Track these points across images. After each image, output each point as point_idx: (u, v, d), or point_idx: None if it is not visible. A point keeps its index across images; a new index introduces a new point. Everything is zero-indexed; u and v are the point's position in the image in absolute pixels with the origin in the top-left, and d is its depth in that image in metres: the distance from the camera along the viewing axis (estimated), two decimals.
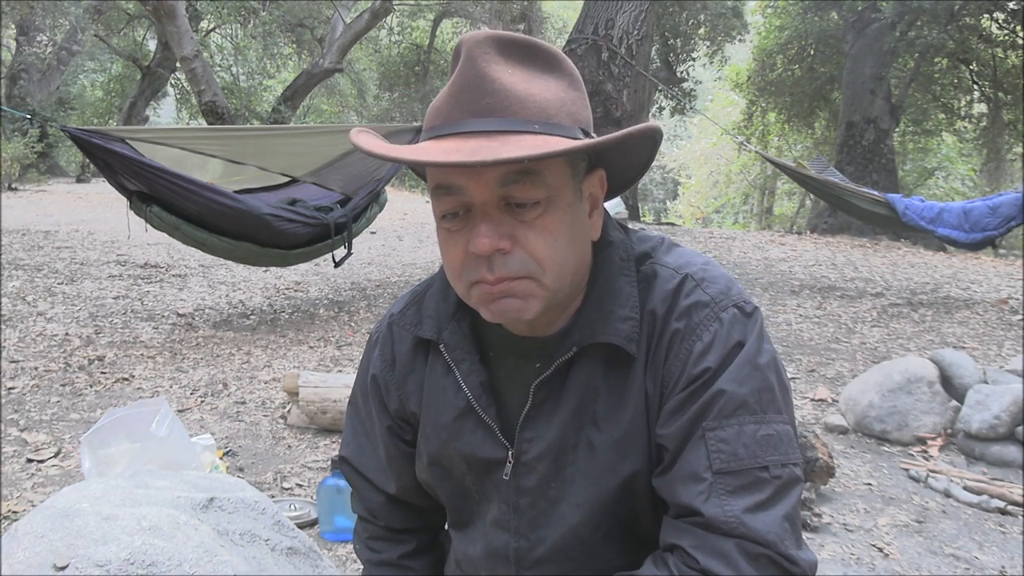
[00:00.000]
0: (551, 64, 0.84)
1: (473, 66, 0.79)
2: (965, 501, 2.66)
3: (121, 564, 1.11)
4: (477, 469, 0.95)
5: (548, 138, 0.78)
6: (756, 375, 0.82)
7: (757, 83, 15.96)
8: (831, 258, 8.56)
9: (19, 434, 3.06)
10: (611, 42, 8.54)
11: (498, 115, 0.78)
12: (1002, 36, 13.31)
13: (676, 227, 12.69)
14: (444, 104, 0.80)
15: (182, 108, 21.07)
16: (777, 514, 0.78)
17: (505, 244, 0.80)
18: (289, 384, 3.19)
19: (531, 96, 0.79)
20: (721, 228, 18.10)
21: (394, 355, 1.02)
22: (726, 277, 0.89)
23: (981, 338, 4.94)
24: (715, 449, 0.80)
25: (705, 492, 0.79)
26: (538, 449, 0.90)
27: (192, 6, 14.84)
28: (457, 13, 18.74)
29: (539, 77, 0.82)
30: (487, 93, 0.78)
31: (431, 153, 0.77)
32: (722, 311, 0.85)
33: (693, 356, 0.84)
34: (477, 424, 0.93)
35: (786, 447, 0.82)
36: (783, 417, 0.83)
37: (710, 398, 0.81)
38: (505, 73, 0.79)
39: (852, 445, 3.21)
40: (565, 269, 0.84)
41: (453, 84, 0.80)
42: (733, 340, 0.83)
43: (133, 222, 4.61)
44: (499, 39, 0.81)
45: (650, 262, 0.91)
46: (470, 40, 0.80)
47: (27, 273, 6.18)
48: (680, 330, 0.85)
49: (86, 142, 4.06)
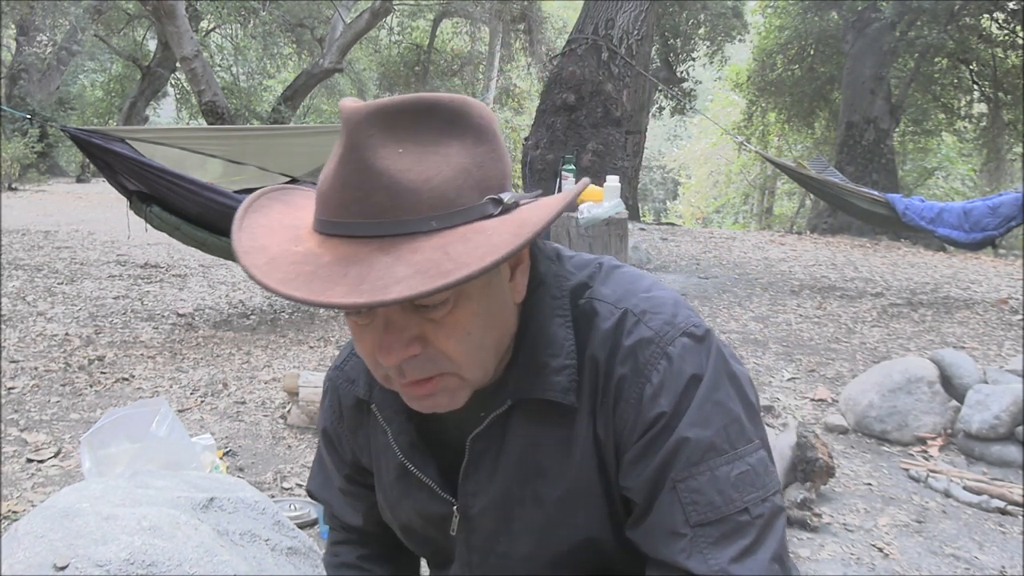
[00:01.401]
0: (449, 124, 0.72)
1: (357, 156, 0.69)
2: (965, 501, 2.66)
3: (121, 564, 1.10)
4: (432, 524, 0.92)
5: (447, 238, 0.68)
6: (719, 411, 0.77)
7: (757, 83, 15.96)
8: (831, 258, 8.56)
9: (19, 434, 3.06)
10: (611, 42, 8.54)
11: (390, 215, 0.68)
12: (1002, 36, 13.31)
13: (676, 227, 12.69)
14: (331, 195, 0.70)
15: (182, 108, 21.08)
16: (764, 557, 0.75)
17: (414, 349, 0.74)
18: (289, 384, 3.19)
19: (427, 183, 0.69)
20: (721, 228, 18.10)
21: (341, 409, 0.99)
22: (671, 301, 0.83)
23: (981, 338, 4.94)
24: (689, 501, 0.75)
25: (687, 549, 0.75)
26: (482, 504, 0.86)
27: (192, 6, 14.84)
28: (457, 13, 18.75)
29: (435, 149, 0.71)
30: (375, 190, 0.68)
31: (319, 270, 0.67)
32: (668, 345, 0.78)
33: (645, 401, 0.78)
34: (419, 483, 0.89)
35: (763, 479, 0.77)
36: (755, 443, 0.78)
37: (674, 446, 0.76)
38: (393, 159, 0.69)
39: (852, 445, 3.21)
40: (485, 356, 0.78)
41: (338, 174, 0.70)
42: (686, 375, 0.78)
43: (133, 222, 4.61)
44: (382, 113, 0.69)
45: (587, 295, 0.84)
46: (350, 121, 0.69)
47: (27, 273, 6.18)
48: (626, 375, 0.79)
49: (86, 142, 4.06)
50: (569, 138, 8.39)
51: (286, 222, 0.77)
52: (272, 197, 0.82)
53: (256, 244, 0.73)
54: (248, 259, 0.72)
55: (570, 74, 8.60)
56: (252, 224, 0.77)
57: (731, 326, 5.17)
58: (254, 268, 0.70)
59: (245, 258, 0.72)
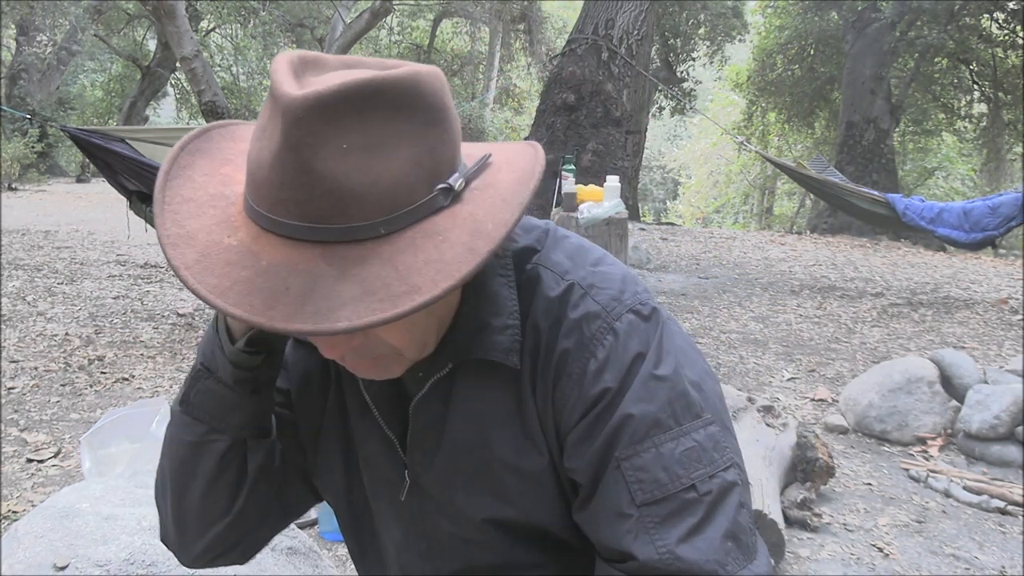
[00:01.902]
0: (397, 110, 0.64)
1: (297, 157, 0.61)
2: (965, 501, 2.67)
3: (121, 564, 1.11)
4: (378, 485, 0.89)
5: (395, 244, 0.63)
6: (663, 386, 0.74)
7: (757, 83, 15.97)
8: (831, 258, 8.56)
9: (19, 434, 3.06)
10: (611, 42, 8.54)
11: (334, 221, 0.62)
12: (1002, 36, 13.32)
13: (676, 227, 12.69)
14: (267, 190, 0.63)
15: (182, 108, 21.09)
16: (714, 536, 0.71)
17: (355, 341, 0.71)
18: None
19: (374, 185, 0.63)
20: (721, 228, 18.09)
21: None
22: (620, 275, 0.79)
23: (981, 338, 4.94)
24: (634, 479, 0.72)
25: (633, 530, 0.72)
26: (430, 470, 0.83)
27: (192, 6, 14.84)
28: (457, 13, 18.75)
29: (382, 142, 0.63)
30: (317, 195, 0.62)
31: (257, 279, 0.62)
32: (615, 320, 0.75)
33: (588, 376, 0.74)
34: (382, 436, 0.85)
35: (711, 454, 0.74)
36: (704, 419, 0.75)
37: (618, 423, 0.73)
38: (337, 159, 0.62)
39: (852, 445, 3.21)
40: (427, 337, 0.76)
41: (275, 170, 0.62)
42: (631, 352, 0.74)
43: (133, 222, 4.61)
44: (324, 106, 0.61)
45: (534, 261, 0.80)
46: (289, 113, 0.61)
47: (27, 273, 6.18)
48: (570, 349, 0.75)
49: (86, 142, 4.06)
50: (569, 138, 8.39)
51: (212, 189, 0.70)
52: (195, 150, 0.74)
53: (182, 231, 0.66)
54: (175, 254, 0.64)
55: (570, 74, 8.60)
56: (175, 199, 0.69)
57: (731, 326, 5.17)
58: (184, 268, 0.63)
59: (171, 251, 0.64)
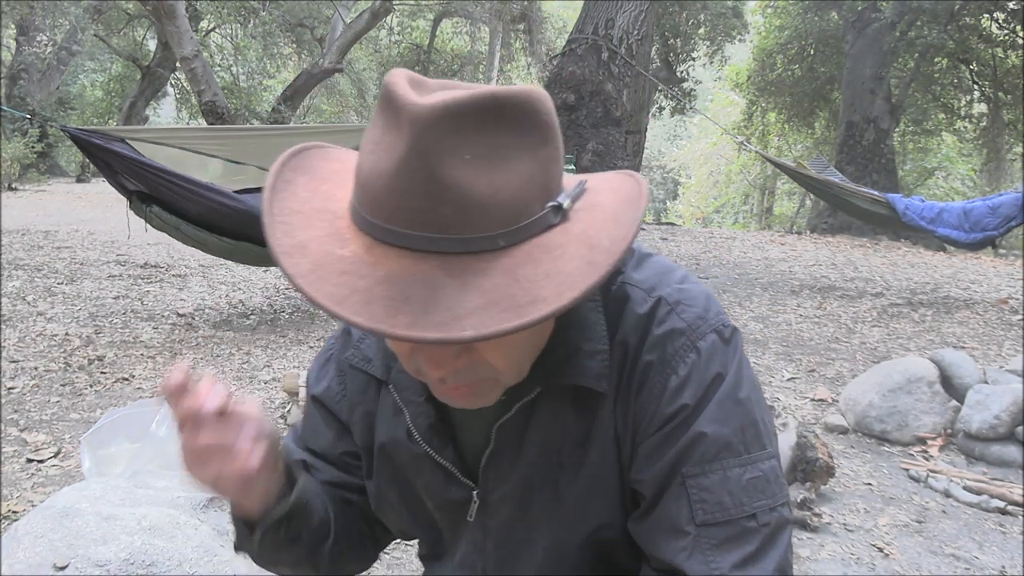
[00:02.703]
0: (516, 125, 0.65)
1: (424, 164, 0.61)
2: (965, 501, 2.67)
3: (121, 564, 1.11)
4: (444, 508, 0.90)
5: (515, 257, 0.64)
6: (738, 411, 0.75)
7: (757, 83, 15.97)
8: (831, 258, 8.56)
9: (19, 434, 3.06)
10: (611, 42, 8.54)
11: (455, 231, 0.62)
12: (1002, 36, 13.31)
13: (676, 227, 12.69)
14: (387, 198, 0.63)
15: (182, 108, 21.08)
16: (767, 568, 0.73)
17: (462, 362, 0.72)
18: (289, 384, 3.19)
19: (494, 197, 0.63)
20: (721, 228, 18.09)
21: (347, 381, 0.94)
22: (703, 295, 0.81)
23: (981, 338, 4.94)
24: (698, 499, 0.74)
25: (688, 548, 0.73)
26: (503, 491, 0.84)
27: (192, 6, 14.85)
28: (457, 13, 18.75)
29: (503, 155, 0.64)
30: (442, 203, 0.62)
31: (375, 288, 0.62)
32: (699, 339, 0.77)
33: (668, 392, 0.76)
34: (436, 466, 0.87)
35: (773, 488, 0.75)
36: (768, 451, 0.77)
37: (690, 441, 0.74)
38: (461, 169, 0.62)
39: (852, 445, 3.21)
40: (525, 362, 0.77)
41: (399, 177, 0.62)
42: (712, 373, 0.76)
43: (133, 222, 4.61)
44: (449, 115, 0.62)
45: (620, 280, 0.81)
46: (417, 122, 0.62)
47: (27, 273, 6.18)
48: (653, 362, 0.77)
49: (86, 142, 4.06)
50: (569, 138, 8.39)
51: (317, 204, 0.71)
52: (295, 167, 0.76)
53: (294, 241, 0.66)
54: (289, 263, 0.65)
55: (570, 74, 8.61)
56: (283, 211, 0.69)
57: None
58: (299, 278, 0.63)
59: (286, 260, 0.65)
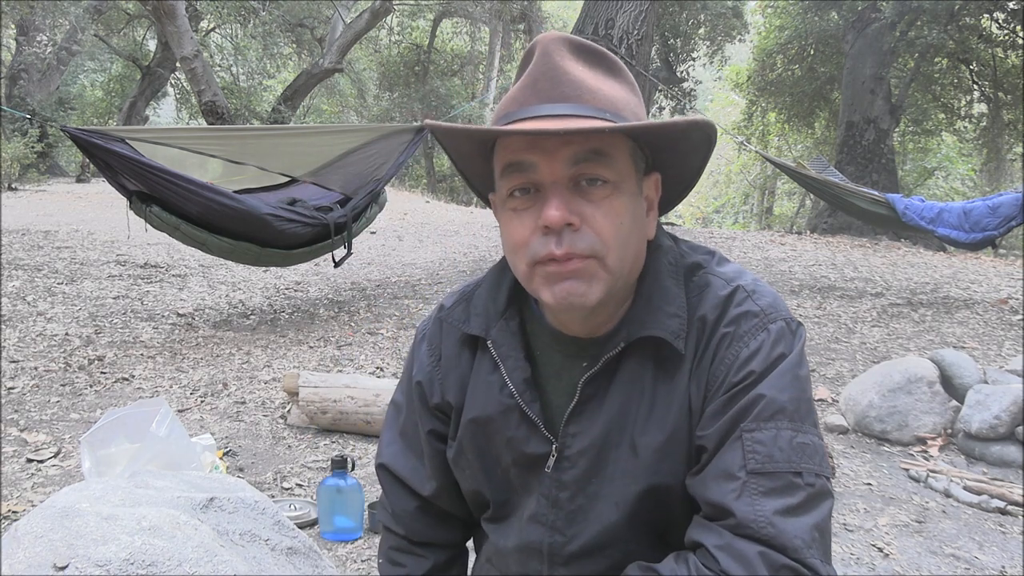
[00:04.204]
0: (616, 70, 0.90)
1: (549, 60, 0.85)
2: (965, 501, 2.66)
3: (121, 564, 1.10)
4: (521, 462, 0.96)
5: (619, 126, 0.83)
6: (796, 384, 0.85)
7: (757, 83, 15.96)
8: (831, 258, 8.56)
9: (19, 434, 3.06)
10: (611, 42, 8.53)
11: (572, 102, 0.83)
12: (1002, 36, 13.30)
13: (676, 227, 12.68)
14: (519, 92, 0.86)
15: (182, 108, 21.07)
16: (808, 522, 0.79)
17: (575, 219, 0.83)
18: (289, 384, 3.19)
19: (601, 90, 0.86)
20: (721, 228, 18.09)
21: (441, 350, 1.05)
22: (774, 293, 0.92)
23: (981, 338, 4.94)
24: (751, 450, 0.81)
25: (737, 490, 0.80)
26: (581, 444, 0.92)
27: (192, 6, 14.84)
28: (457, 13, 18.75)
29: (607, 78, 0.88)
30: (562, 83, 0.84)
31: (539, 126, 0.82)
32: (771, 323, 0.87)
33: (739, 361, 0.86)
34: (521, 419, 0.95)
35: (820, 459, 0.83)
36: (817, 431, 0.85)
37: (750, 401, 0.83)
38: (578, 68, 0.86)
39: (852, 445, 3.21)
40: (627, 253, 0.87)
41: (529, 75, 0.86)
42: (778, 351, 0.86)
43: (133, 222, 4.61)
44: (572, 41, 0.87)
45: (703, 272, 0.94)
46: (545, 39, 0.86)
47: (27, 273, 6.18)
48: (729, 334, 0.87)
49: (86, 142, 4.05)
50: None
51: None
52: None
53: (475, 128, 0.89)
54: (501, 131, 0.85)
55: None
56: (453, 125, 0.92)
57: None
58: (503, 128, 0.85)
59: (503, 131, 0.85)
